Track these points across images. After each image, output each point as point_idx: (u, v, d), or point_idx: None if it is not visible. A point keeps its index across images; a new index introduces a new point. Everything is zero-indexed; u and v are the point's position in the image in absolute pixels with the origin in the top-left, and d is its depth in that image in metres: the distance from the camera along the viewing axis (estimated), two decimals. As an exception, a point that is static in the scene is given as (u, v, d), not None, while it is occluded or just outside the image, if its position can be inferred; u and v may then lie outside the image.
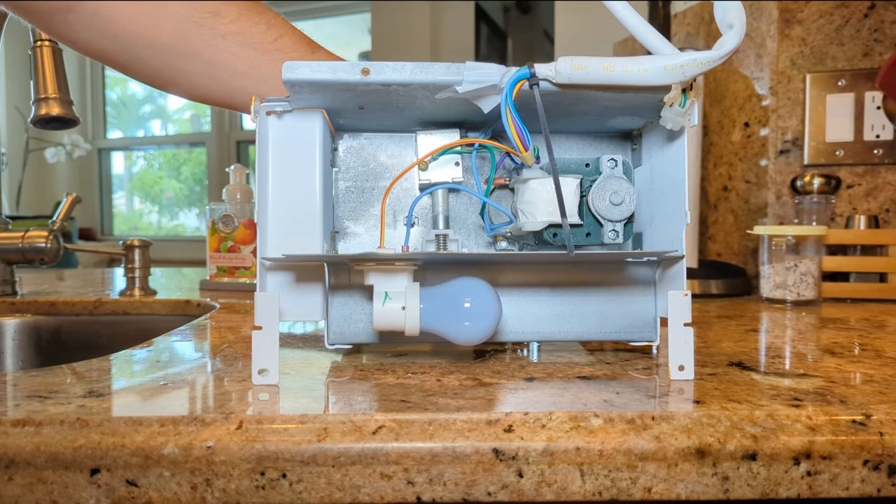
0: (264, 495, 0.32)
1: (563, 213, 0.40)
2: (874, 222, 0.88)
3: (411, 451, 0.32)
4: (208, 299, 0.88)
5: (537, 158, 0.43)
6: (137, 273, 0.98)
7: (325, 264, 0.47)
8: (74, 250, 1.72)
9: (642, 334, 0.50)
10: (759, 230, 0.82)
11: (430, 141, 0.49)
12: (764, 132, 0.96)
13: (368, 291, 0.48)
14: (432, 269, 0.49)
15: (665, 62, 0.38)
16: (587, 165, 0.48)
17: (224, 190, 1.01)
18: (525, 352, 0.51)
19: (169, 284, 1.14)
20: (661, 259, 0.48)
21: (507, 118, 0.40)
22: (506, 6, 2.98)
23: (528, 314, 0.50)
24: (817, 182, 0.91)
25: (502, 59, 2.92)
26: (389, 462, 0.32)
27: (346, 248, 0.50)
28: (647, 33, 0.38)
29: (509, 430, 0.33)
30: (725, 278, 0.90)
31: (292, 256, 0.43)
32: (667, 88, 0.39)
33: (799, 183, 0.92)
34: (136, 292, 0.97)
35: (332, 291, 0.49)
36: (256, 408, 0.35)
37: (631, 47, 1.21)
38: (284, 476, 0.32)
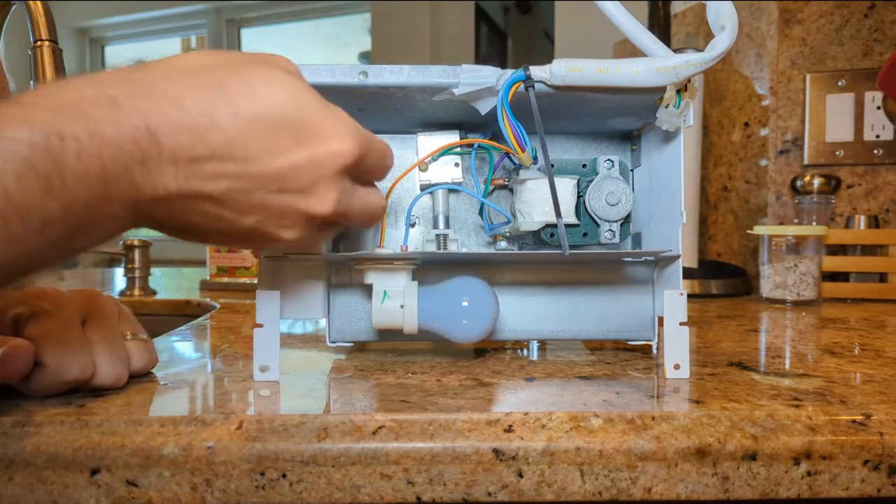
0: (264, 495, 0.32)
1: (557, 214, 0.40)
2: (874, 222, 0.88)
3: (411, 451, 0.32)
4: (208, 299, 0.88)
5: (535, 159, 0.43)
6: (137, 273, 0.98)
7: (327, 263, 0.47)
8: (75, 250, 1.71)
9: (640, 333, 0.50)
10: (759, 230, 0.82)
11: (431, 142, 0.49)
12: (764, 132, 0.96)
13: (369, 290, 0.48)
14: (432, 268, 0.49)
15: (657, 64, 0.38)
16: (584, 166, 0.48)
17: (224, 190, 1.01)
18: (525, 351, 0.51)
19: (169, 284, 1.14)
20: (658, 259, 0.48)
21: (504, 120, 0.40)
22: (506, 6, 2.98)
23: (527, 313, 0.50)
24: (817, 182, 0.91)
25: (502, 59, 2.92)
26: (389, 462, 0.32)
27: (347, 247, 0.50)
28: (641, 35, 0.38)
29: (509, 430, 0.33)
30: (725, 278, 0.90)
31: (293, 255, 0.43)
32: (661, 90, 0.39)
33: (799, 183, 0.92)
34: (136, 292, 0.97)
35: (333, 290, 0.49)
36: (256, 408, 0.35)
37: (631, 48, 1.21)
38: (284, 476, 0.32)
